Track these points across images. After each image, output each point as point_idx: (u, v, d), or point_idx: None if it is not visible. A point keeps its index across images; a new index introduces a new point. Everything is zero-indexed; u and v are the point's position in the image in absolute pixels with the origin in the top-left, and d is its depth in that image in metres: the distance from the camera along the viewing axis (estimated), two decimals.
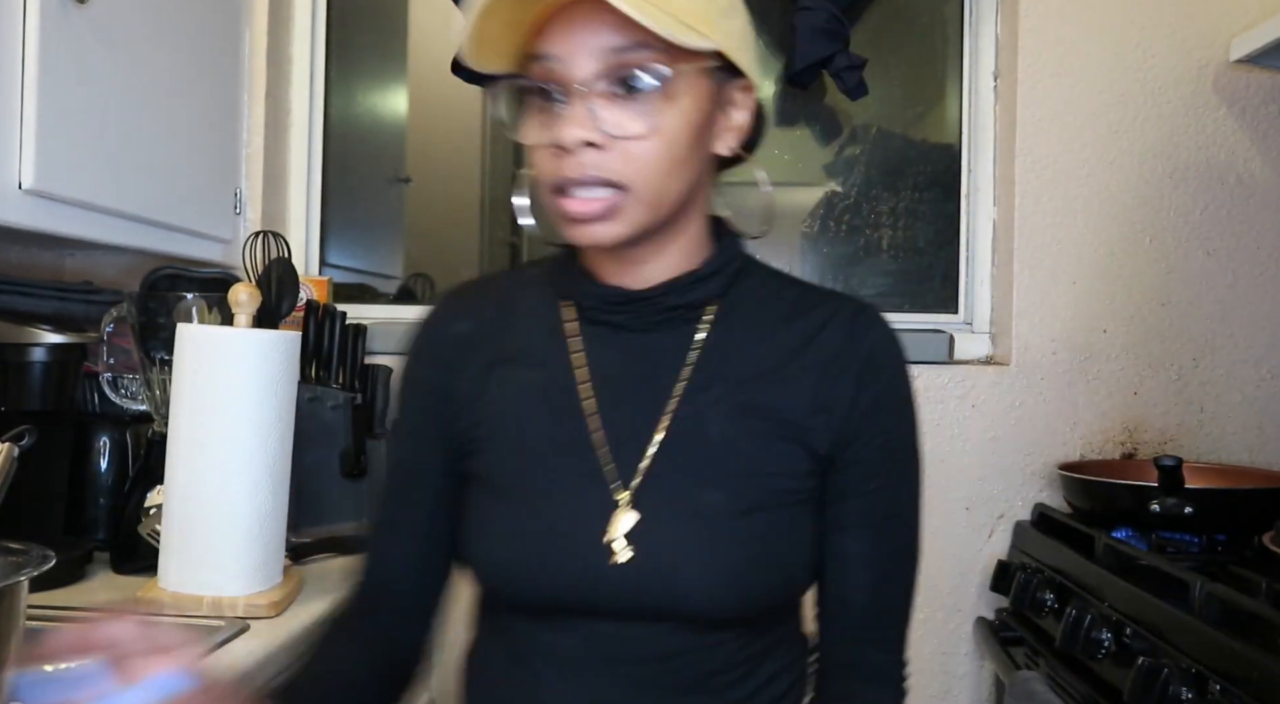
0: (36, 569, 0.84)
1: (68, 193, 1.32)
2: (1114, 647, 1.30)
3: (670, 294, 0.86)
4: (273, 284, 1.45)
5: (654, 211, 0.81)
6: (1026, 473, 1.85)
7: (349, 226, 2.14)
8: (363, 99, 2.17)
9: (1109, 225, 1.85)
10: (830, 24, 1.80)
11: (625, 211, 0.79)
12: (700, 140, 0.82)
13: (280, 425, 1.28)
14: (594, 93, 0.77)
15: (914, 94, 2.05)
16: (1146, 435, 1.85)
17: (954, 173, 2.00)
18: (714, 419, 0.84)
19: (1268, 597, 1.17)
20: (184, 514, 1.24)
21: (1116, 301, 1.85)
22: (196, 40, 1.66)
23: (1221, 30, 1.82)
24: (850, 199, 2.03)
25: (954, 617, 1.86)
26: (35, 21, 1.23)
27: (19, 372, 1.42)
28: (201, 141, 1.70)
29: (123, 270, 1.82)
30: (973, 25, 1.99)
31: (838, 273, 2.03)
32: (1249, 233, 1.84)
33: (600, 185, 0.78)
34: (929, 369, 1.86)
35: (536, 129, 0.81)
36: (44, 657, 0.70)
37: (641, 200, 0.79)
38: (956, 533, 1.85)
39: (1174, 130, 1.84)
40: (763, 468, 0.84)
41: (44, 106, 1.25)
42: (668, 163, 0.79)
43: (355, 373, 1.78)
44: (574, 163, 0.78)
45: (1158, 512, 1.52)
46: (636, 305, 0.87)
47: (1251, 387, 1.85)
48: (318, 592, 1.35)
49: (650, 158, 0.78)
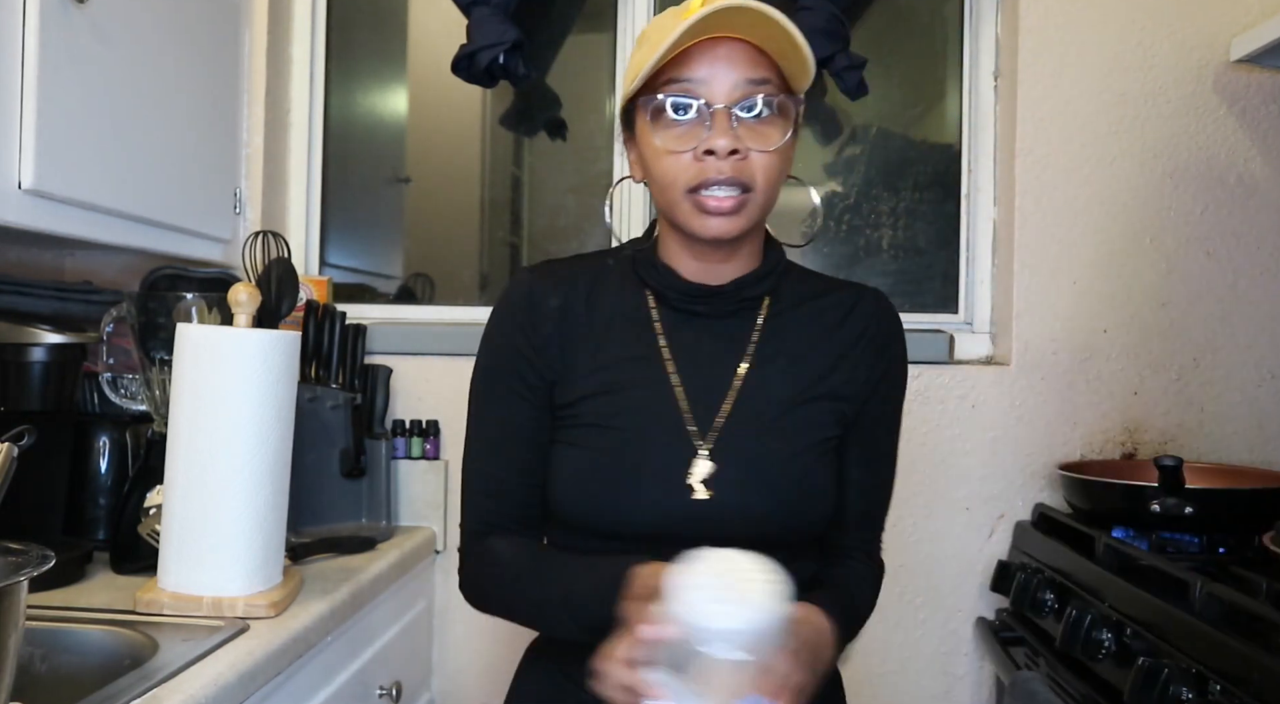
0: (36, 569, 0.84)
1: (68, 193, 1.32)
2: (1114, 647, 1.30)
3: (743, 289, 1.06)
4: (273, 284, 1.45)
5: (763, 213, 1.00)
6: (1026, 473, 1.85)
7: (349, 226, 2.14)
8: (363, 99, 2.17)
9: (1109, 225, 1.85)
10: (830, 24, 1.80)
11: (748, 210, 0.98)
12: (792, 158, 1.03)
13: (280, 425, 1.28)
14: (735, 111, 0.96)
15: (914, 94, 2.05)
16: (1147, 435, 1.85)
17: (954, 173, 2.00)
18: (773, 386, 1.04)
19: (1268, 597, 1.17)
20: (184, 514, 1.24)
21: (1116, 301, 1.85)
22: (196, 40, 1.66)
23: (1221, 30, 1.82)
24: (850, 199, 2.03)
25: (954, 617, 1.86)
26: (35, 21, 1.23)
27: (19, 372, 1.42)
28: (201, 141, 1.70)
29: (123, 270, 1.82)
30: (973, 25, 1.99)
31: (838, 273, 2.02)
32: (1249, 233, 1.84)
33: (735, 185, 0.96)
34: (929, 369, 1.86)
35: (674, 138, 0.98)
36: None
37: (759, 203, 0.98)
38: (956, 533, 1.86)
39: (1174, 130, 1.84)
40: (810, 423, 1.05)
41: (44, 106, 1.25)
42: (779, 174, 1.00)
43: (355, 373, 1.78)
44: (718, 166, 0.95)
45: (1158, 512, 1.52)
46: (716, 299, 1.06)
47: (1251, 387, 1.84)
48: (318, 592, 1.35)
49: (771, 168, 0.98)
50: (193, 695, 0.98)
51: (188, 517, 1.24)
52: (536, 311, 1.06)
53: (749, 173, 0.97)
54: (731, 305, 1.06)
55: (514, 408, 1.06)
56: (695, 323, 1.07)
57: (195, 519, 1.23)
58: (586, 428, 1.04)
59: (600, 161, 2.08)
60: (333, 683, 1.37)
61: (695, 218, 0.98)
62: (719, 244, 1.02)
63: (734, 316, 1.07)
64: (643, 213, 2.01)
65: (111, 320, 1.62)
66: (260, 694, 1.12)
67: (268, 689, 1.15)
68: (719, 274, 1.06)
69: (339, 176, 2.10)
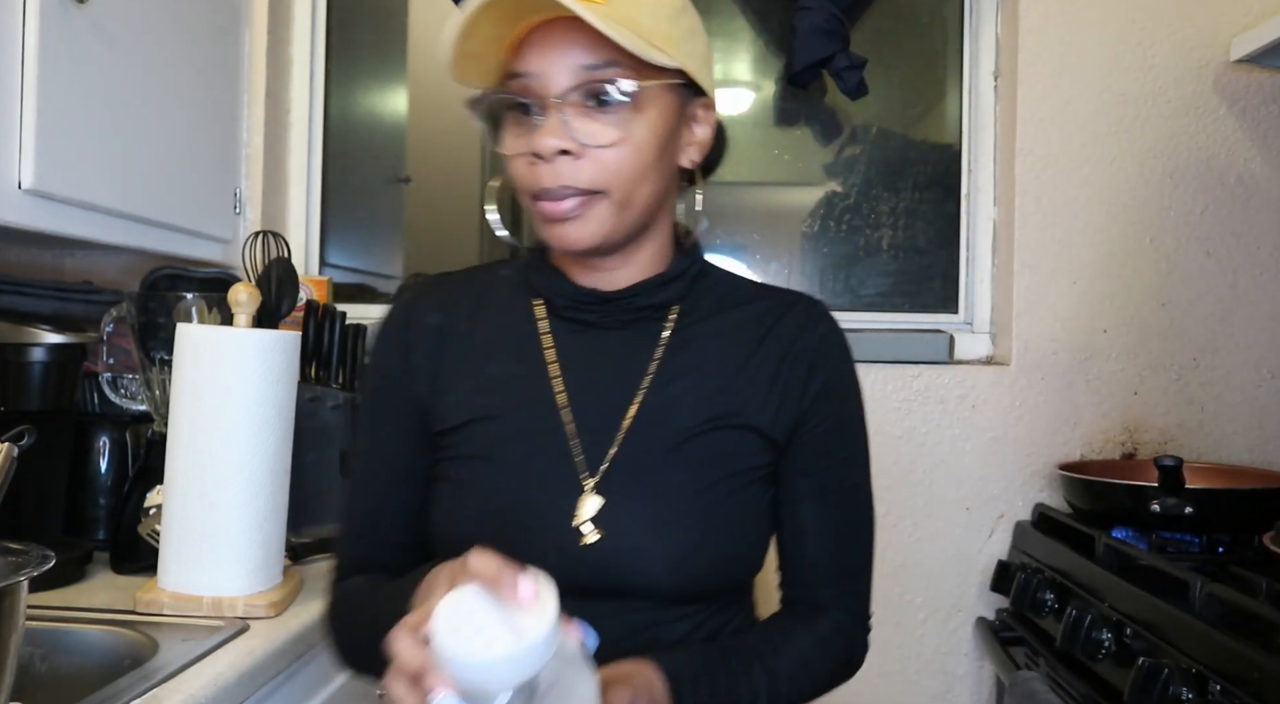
0: (36, 569, 0.84)
1: (68, 193, 1.32)
2: (1114, 647, 1.30)
3: (640, 296, 0.93)
4: (272, 284, 1.45)
5: (624, 215, 0.87)
6: (1027, 473, 1.85)
7: (349, 227, 2.14)
8: (363, 99, 2.17)
9: (1109, 225, 1.85)
10: (830, 24, 1.80)
11: (598, 213, 0.86)
12: (666, 151, 0.89)
13: (280, 425, 1.28)
14: (568, 105, 0.84)
15: (914, 94, 2.05)
16: (1147, 435, 1.85)
17: (954, 173, 2.00)
18: (678, 409, 0.91)
19: (1268, 597, 1.17)
20: (184, 514, 1.24)
21: (1116, 301, 1.85)
22: (196, 40, 1.66)
23: (1221, 30, 1.82)
24: (850, 199, 2.03)
25: (954, 617, 1.86)
26: (35, 22, 1.23)
27: (19, 372, 1.42)
28: (201, 141, 1.70)
29: (123, 270, 1.82)
30: (973, 25, 1.99)
31: (838, 273, 2.03)
32: (1249, 233, 1.84)
33: (574, 191, 0.85)
34: (929, 369, 1.85)
35: (514, 140, 0.87)
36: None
37: (614, 203, 0.86)
38: (956, 533, 1.85)
39: (1174, 130, 1.84)
40: (722, 452, 0.91)
41: (44, 106, 1.25)
42: (637, 169, 0.86)
43: (355, 373, 1.78)
44: (550, 171, 0.84)
45: (1158, 512, 1.52)
46: (608, 306, 0.94)
47: (1251, 387, 1.84)
48: (317, 592, 1.35)
49: (621, 164, 0.85)
50: (193, 695, 0.98)
51: (188, 517, 1.24)
52: (412, 330, 0.98)
53: (586, 174, 0.84)
54: (628, 314, 0.94)
55: (390, 437, 0.97)
56: (589, 336, 0.94)
57: (195, 519, 1.23)
58: (464, 460, 0.93)
59: None
60: (333, 683, 1.37)
61: (543, 228, 0.88)
62: (585, 254, 0.90)
63: (634, 328, 0.94)
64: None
65: (111, 320, 1.62)
66: (260, 694, 1.12)
67: (268, 689, 1.14)
68: (614, 279, 0.94)
69: (339, 176, 2.10)
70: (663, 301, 0.95)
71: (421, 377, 0.96)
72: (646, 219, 0.91)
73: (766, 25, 1.99)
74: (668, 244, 0.96)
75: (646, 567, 0.87)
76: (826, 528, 0.96)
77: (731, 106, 2.05)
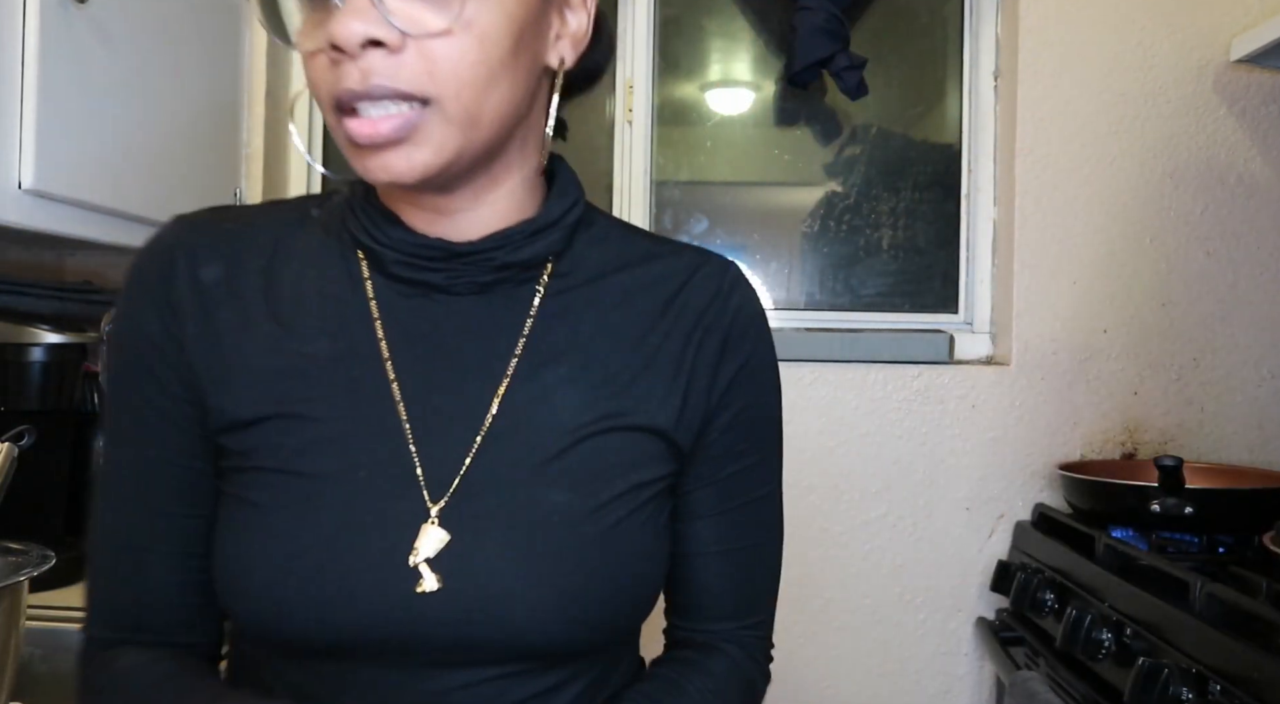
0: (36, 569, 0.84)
1: (68, 193, 1.32)
2: (1114, 647, 1.30)
3: (501, 250, 0.68)
4: None
5: (468, 134, 0.62)
6: (1027, 473, 1.85)
7: None
8: None
9: (1109, 225, 1.85)
10: (830, 24, 1.80)
11: (430, 133, 0.61)
12: (525, 43, 0.64)
13: None
14: None
15: (914, 94, 2.05)
16: (1147, 435, 1.85)
17: (954, 173, 2.00)
18: (555, 403, 0.68)
19: (1268, 597, 1.17)
20: None
21: (1116, 301, 1.85)
22: (196, 40, 1.66)
23: (1221, 30, 1.82)
24: (850, 199, 2.03)
25: (954, 617, 1.86)
26: (35, 22, 1.23)
27: (19, 372, 1.42)
28: (201, 141, 1.70)
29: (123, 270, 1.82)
30: (973, 25, 1.99)
31: (838, 273, 2.03)
32: (1249, 233, 1.84)
33: (393, 98, 0.60)
34: (929, 369, 1.85)
35: (309, 31, 0.63)
36: None
37: (451, 118, 0.61)
38: (956, 533, 1.86)
39: (1174, 130, 1.84)
40: (616, 459, 0.69)
41: (44, 106, 1.25)
42: (483, 68, 0.61)
43: None
44: (357, 70, 0.60)
45: (1158, 512, 1.52)
46: (458, 262, 0.68)
47: (1251, 386, 1.85)
48: None
49: (458, 60, 0.60)
50: None
51: None
52: (178, 285, 0.69)
53: (409, 74, 0.59)
54: (485, 274, 0.68)
55: (153, 435, 0.69)
56: (432, 303, 0.69)
57: None
58: (259, 475, 0.66)
59: (601, 161, 2.07)
60: None
61: (352, 155, 0.64)
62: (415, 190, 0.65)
63: (493, 293, 0.70)
64: (644, 206, 2.01)
65: (111, 320, 1.62)
66: None
67: None
68: (463, 227, 0.68)
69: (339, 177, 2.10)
70: (532, 258, 0.70)
71: (195, 349, 0.68)
72: (501, 140, 0.66)
73: (766, 25, 1.99)
74: (536, 181, 0.72)
75: (509, 620, 0.64)
76: (727, 552, 0.75)
77: (731, 106, 2.05)
